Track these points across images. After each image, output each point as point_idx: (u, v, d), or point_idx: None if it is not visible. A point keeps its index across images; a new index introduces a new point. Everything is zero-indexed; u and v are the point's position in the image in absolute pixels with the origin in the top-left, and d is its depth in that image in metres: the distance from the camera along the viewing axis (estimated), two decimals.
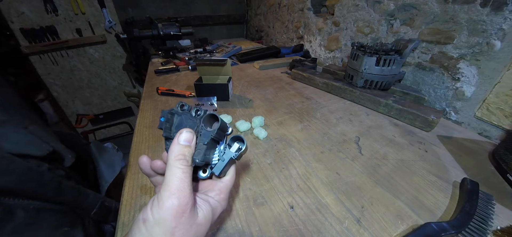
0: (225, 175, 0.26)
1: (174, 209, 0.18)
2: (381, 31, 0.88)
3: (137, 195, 0.38)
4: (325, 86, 0.84)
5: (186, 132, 0.22)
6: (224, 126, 0.25)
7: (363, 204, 0.38)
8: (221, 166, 0.24)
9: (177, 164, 0.20)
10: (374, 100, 0.69)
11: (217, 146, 0.25)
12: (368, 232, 0.33)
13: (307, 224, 0.34)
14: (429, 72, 0.75)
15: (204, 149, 0.23)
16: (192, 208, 0.20)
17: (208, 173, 0.25)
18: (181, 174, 0.19)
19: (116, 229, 0.33)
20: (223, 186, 0.25)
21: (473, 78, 0.65)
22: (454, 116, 0.72)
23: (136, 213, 0.35)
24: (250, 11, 2.06)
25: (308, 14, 1.29)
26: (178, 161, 0.20)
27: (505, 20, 0.56)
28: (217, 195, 0.24)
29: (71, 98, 1.59)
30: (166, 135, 0.25)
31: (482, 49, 0.61)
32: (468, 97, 0.67)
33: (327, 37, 1.19)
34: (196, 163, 0.22)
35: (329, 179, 0.43)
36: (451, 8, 0.65)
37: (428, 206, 0.38)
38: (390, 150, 0.52)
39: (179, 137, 0.21)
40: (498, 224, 0.35)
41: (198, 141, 0.23)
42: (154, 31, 1.31)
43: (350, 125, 0.62)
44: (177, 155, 0.20)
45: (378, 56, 0.67)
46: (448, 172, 0.45)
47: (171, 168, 0.20)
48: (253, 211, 0.36)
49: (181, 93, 0.79)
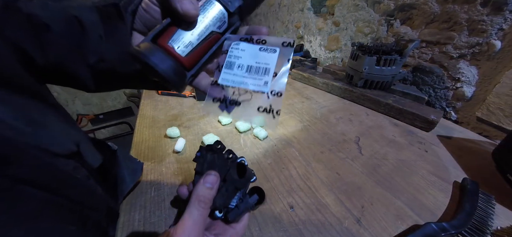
0: (237, 222, 0.26)
1: None
2: (381, 31, 0.88)
3: (137, 195, 0.39)
4: (325, 86, 0.84)
5: (212, 175, 0.23)
6: (250, 176, 0.26)
7: (363, 204, 0.38)
8: (237, 213, 0.25)
9: (196, 205, 0.21)
10: (374, 100, 0.69)
11: (238, 192, 0.26)
12: (368, 232, 0.33)
13: (307, 224, 0.34)
14: (429, 72, 0.75)
15: (226, 195, 0.24)
16: None
17: (222, 214, 0.26)
18: (198, 217, 0.21)
19: (116, 229, 0.33)
20: (234, 232, 0.25)
21: (473, 78, 0.65)
22: (454, 116, 0.72)
23: (136, 213, 0.36)
24: None
25: (308, 14, 1.29)
26: (198, 202, 0.21)
27: (505, 20, 0.56)
28: None
29: (71, 98, 1.59)
30: (197, 169, 0.26)
31: (482, 49, 0.61)
32: (468, 97, 0.67)
33: (327, 37, 1.19)
34: (215, 206, 0.23)
35: (329, 179, 0.43)
36: (451, 8, 0.65)
37: (428, 206, 0.38)
38: (390, 150, 0.52)
39: (205, 178, 0.23)
40: (498, 224, 0.35)
41: (223, 185, 0.24)
42: None
43: (350, 125, 0.62)
44: (199, 196, 0.22)
45: (378, 56, 0.67)
46: (448, 172, 0.45)
47: (190, 208, 0.21)
48: (253, 211, 0.36)
49: (181, 93, 0.79)
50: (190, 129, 0.58)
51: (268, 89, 0.21)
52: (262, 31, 0.23)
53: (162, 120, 0.62)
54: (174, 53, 0.19)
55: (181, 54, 0.19)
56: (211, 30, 0.20)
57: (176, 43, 0.19)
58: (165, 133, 0.54)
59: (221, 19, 0.21)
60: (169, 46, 0.19)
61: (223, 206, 0.24)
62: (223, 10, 0.20)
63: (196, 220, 0.21)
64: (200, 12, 0.20)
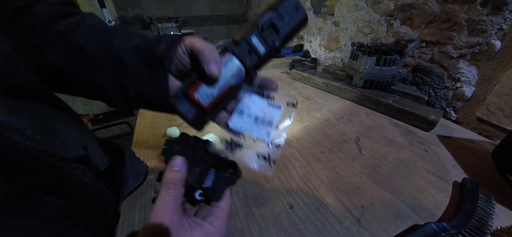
0: (220, 200, 0.27)
1: (151, 227, 0.20)
2: (381, 31, 0.88)
3: (137, 195, 0.39)
4: (325, 86, 0.84)
5: (176, 158, 0.24)
6: (217, 152, 0.27)
7: (363, 204, 0.38)
8: (215, 190, 0.26)
9: (165, 188, 0.22)
10: (374, 100, 0.69)
11: (211, 171, 0.27)
12: (368, 232, 0.33)
13: (307, 224, 0.34)
14: (429, 72, 0.75)
15: (197, 172, 0.25)
16: (178, 230, 0.21)
17: (203, 197, 0.26)
18: (167, 197, 0.21)
19: (116, 229, 0.33)
20: (219, 211, 0.26)
21: (473, 78, 0.65)
22: (454, 116, 0.72)
23: (136, 213, 0.36)
24: (250, 11, 2.06)
25: (308, 14, 1.29)
26: (166, 185, 0.22)
27: (505, 20, 0.56)
28: (213, 220, 0.25)
29: (71, 98, 1.59)
30: (166, 161, 0.27)
31: (482, 49, 0.61)
32: (468, 97, 0.67)
33: (327, 37, 1.19)
34: (189, 184, 0.24)
35: (329, 179, 0.43)
36: (451, 8, 0.65)
37: (428, 206, 0.38)
38: (390, 150, 0.52)
39: (170, 163, 0.24)
40: (498, 224, 0.35)
41: (192, 165, 0.25)
42: (154, 31, 1.31)
43: (350, 125, 0.62)
44: (167, 179, 0.22)
45: (378, 56, 0.67)
46: (448, 172, 0.45)
47: (160, 192, 0.22)
48: (253, 211, 0.36)
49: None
50: (190, 129, 0.58)
51: (270, 140, 0.25)
52: (272, 86, 0.27)
53: (162, 120, 0.62)
54: (198, 103, 0.24)
55: (204, 103, 0.24)
56: (229, 84, 0.24)
57: (200, 95, 0.24)
58: (165, 133, 0.54)
59: (239, 74, 0.25)
60: (195, 98, 0.24)
61: (197, 183, 0.25)
62: (242, 66, 0.24)
63: (165, 201, 0.21)
64: (223, 67, 0.24)
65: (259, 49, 0.24)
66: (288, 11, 0.23)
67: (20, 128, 0.21)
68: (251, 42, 0.24)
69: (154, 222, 0.20)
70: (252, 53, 0.24)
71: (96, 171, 0.31)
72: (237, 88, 0.25)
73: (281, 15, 0.23)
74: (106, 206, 0.32)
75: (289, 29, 0.24)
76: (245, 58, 0.24)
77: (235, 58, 0.24)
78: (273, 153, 0.25)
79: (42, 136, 0.23)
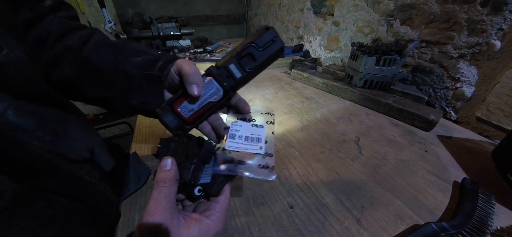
0: (219, 195, 0.28)
1: (146, 227, 0.20)
2: (381, 31, 0.88)
3: (137, 195, 0.39)
4: (325, 86, 0.84)
5: (165, 159, 0.25)
6: (210, 146, 0.28)
7: (363, 204, 0.38)
8: (214, 185, 0.27)
9: (156, 187, 0.22)
10: (374, 100, 0.69)
11: (206, 166, 0.28)
12: (368, 232, 0.33)
13: (307, 224, 0.34)
14: (429, 72, 0.75)
15: (191, 168, 0.26)
16: (172, 226, 0.21)
17: (201, 193, 0.27)
18: (158, 196, 0.22)
19: (116, 229, 0.33)
20: (217, 205, 0.26)
21: (473, 78, 0.65)
22: (454, 116, 0.72)
23: (136, 213, 0.36)
24: (250, 11, 2.06)
25: (308, 14, 1.29)
26: (157, 184, 0.22)
27: (505, 20, 0.56)
28: (211, 214, 0.25)
29: None
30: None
31: (482, 49, 0.61)
32: (468, 97, 0.67)
33: (327, 37, 1.19)
34: (184, 180, 0.25)
35: (329, 179, 0.43)
36: (450, 8, 0.65)
37: (428, 206, 0.38)
38: (390, 150, 0.52)
39: (160, 164, 0.24)
40: (498, 224, 0.35)
41: (185, 160, 0.26)
42: (154, 31, 1.31)
43: (350, 125, 0.62)
44: (158, 179, 0.23)
45: (378, 56, 0.67)
46: (448, 172, 0.45)
47: (153, 192, 0.22)
48: (253, 211, 0.36)
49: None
50: None
51: (264, 152, 0.31)
52: (245, 109, 0.32)
53: None
54: (180, 115, 0.28)
55: (185, 116, 0.29)
56: (208, 101, 0.29)
57: (182, 109, 0.28)
58: (165, 133, 0.54)
59: (217, 94, 0.29)
60: (178, 111, 0.28)
61: (193, 179, 0.26)
62: (220, 88, 0.29)
63: (157, 200, 0.22)
64: (204, 88, 0.28)
65: (236, 75, 0.28)
66: (266, 43, 0.26)
67: (30, 130, 0.22)
68: (229, 68, 0.28)
69: (148, 221, 0.20)
70: (230, 77, 0.28)
71: (101, 172, 0.32)
72: (215, 104, 0.30)
73: (259, 46, 0.26)
74: (109, 206, 0.32)
75: (264, 58, 0.27)
76: (223, 81, 0.28)
77: (215, 81, 0.29)
78: (269, 162, 0.30)
79: (51, 138, 0.24)
